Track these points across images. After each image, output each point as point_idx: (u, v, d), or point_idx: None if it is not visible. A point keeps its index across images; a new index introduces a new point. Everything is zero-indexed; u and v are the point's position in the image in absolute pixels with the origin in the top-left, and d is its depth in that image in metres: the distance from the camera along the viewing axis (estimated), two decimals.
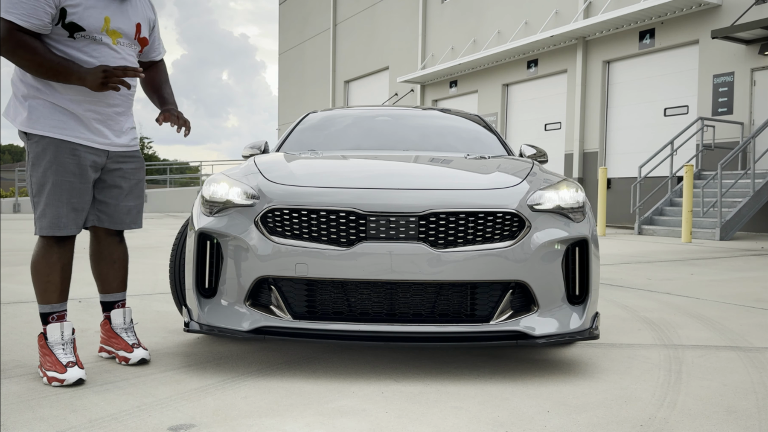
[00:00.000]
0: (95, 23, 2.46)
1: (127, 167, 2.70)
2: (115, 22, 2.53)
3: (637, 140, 14.12)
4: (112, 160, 2.63)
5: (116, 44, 2.55)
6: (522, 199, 2.60)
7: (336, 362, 2.71)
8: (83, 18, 2.43)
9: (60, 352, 2.45)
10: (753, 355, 2.96)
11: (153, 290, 4.64)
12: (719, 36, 11.51)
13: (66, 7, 2.40)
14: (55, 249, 2.52)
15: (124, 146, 2.67)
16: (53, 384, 2.38)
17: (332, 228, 2.50)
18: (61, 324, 2.50)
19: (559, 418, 2.10)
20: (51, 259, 2.51)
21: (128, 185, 2.71)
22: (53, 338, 2.48)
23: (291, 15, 28.90)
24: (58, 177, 2.46)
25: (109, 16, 2.50)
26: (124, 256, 2.82)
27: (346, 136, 4.10)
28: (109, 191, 2.66)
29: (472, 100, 18.48)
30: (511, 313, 2.55)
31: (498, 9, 17.48)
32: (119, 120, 2.64)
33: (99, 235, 2.75)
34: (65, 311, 2.58)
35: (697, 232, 10.36)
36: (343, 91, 24.88)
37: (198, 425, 2.01)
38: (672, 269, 6.33)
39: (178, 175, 29.71)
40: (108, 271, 2.77)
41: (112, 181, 2.66)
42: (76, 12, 2.41)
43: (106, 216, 2.68)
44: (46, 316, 2.53)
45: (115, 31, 2.54)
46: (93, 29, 2.46)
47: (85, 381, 2.43)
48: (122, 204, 2.70)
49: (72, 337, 2.52)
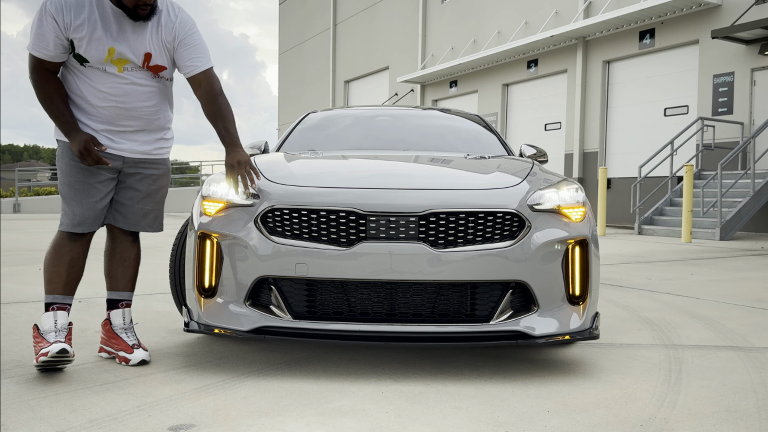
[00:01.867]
0: (98, 55, 2.55)
1: (147, 172, 2.78)
2: (120, 52, 2.58)
3: (637, 140, 14.12)
4: (129, 164, 2.72)
5: (123, 71, 2.61)
6: (522, 199, 2.60)
7: (336, 362, 2.71)
8: (87, 51, 2.54)
9: (51, 337, 2.53)
10: (753, 355, 2.96)
11: (153, 290, 4.64)
12: (719, 36, 11.50)
13: (73, 39, 2.52)
14: (66, 243, 2.65)
15: (143, 153, 2.74)
16: (40, 359, 2.44)
17: (332, 228, 2.50)
18: (56, 312, 2.59)
19: (559, 418, 2.10)
20: (60, 251, 2.64)
21: (146, 189, 2.78)
22: (46, 327, 2.56)
23: (291, 15, 28.90)
24: (72, 178, 2.64)
25: (113, 47, 2.56)
26: (136, 256, 2.89)
27: (346, 136, 4.10)
28: (126, 192, 2.76)
29: (472, 100, 18.48)
30: (511, 313, 2.55)
31: (498, 9, 17.48)
32: (137, 134, 2.71)
33: (114, 233, 2.83)
34: (67, 305, 2.65)
35: (697, 232, 10.36)
36: (343, 91, 24.88)
37: (198, 425, 2.01)
38: (672, 269, 6.33)
39: (178, 175, 29.70)
40: (118, 268, 2.83)
41: (130, 183, 2.75)
42: (81, 44, 2.53)
43: (121, 216, 2.77)
44: (48, 306, 2.62)
45: (121, 60, 2.59)
46: (96, 61, 2.56)
47: (69, 352, 2.46)
48: (137, 206, 2.78)
49: (67, 327, 2.59)
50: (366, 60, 23.32)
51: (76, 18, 2.49)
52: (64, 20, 2.48)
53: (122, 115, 2.65)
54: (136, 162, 2.73)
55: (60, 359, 2.46)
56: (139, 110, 2.67)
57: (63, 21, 2.48)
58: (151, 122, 2.73)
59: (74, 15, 2.49)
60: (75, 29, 2.50)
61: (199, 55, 2.70)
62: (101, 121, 2.64)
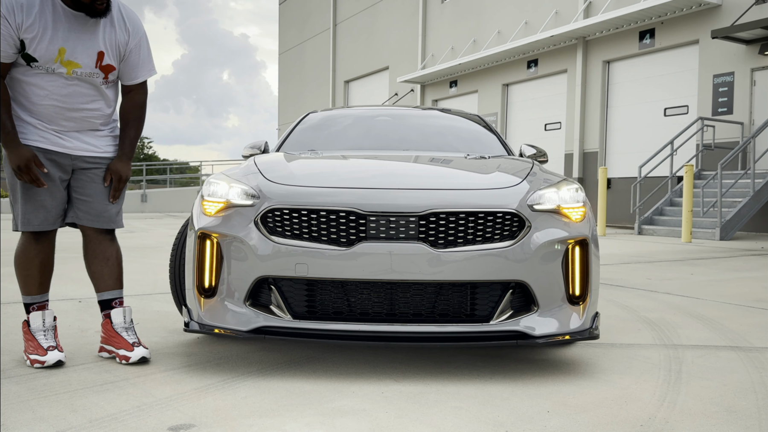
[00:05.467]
0: (48, 54, 2.54)
1: (101, 167, 2.78)
2: (71, 52, 2.57)
3: (637, 140, 14.12)
4: (79, 160, 2.72)
5: (71, 74, 2.61)
6: (522, 199, 2.60)
7: (336, 362, 2.71)
8: (37, 50, 2.52)
9: (41, 337, 2.67)
10: (753, 355, 2.96)
11: (153, 290, 4.64)
12: (719, 36, 11.50)
13: (24, 39, 2.50)
14: (33, 245, 2.72)
15: (92, 151, 2.75)
16: (35, 366, 2.59)
17: (332, 228, 2.50)
18: (43, 312, 2.72)
19: (559, 418, 2.10)
20: (29, 255, 2.73)
21: (101, 187, 2.77)
22: (35, 325, 2.69)
23: (291, 15, 28.90)
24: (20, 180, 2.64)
25: (65, 47, 2.56)
26: (117, 254, 2.88)
27: (346, 136, 4.10)
28: (84, 189, 2.76)
29: (472, 100, 18.47)
30: (511, 313, 2.55)
31: (498, 9, 17.48)
32: (83, 133, 2.72)
33: (88, 234, 2.83)
34: (46, 301, 2.81)
35: (697, 232, 10.36)
36: (343, 91, 24.88)
37: (198, 425, 2.01)
38: (672, 269, 6.33)
39: (178, 175, 29.71)
40: (102, 268, 2.83)
41: (84, 180, 2.75)
42: (31, 44, 2.51)
43: (84, 213, 2.77)
44: (28, 306, 2.77)
45: (71, 62, 2.59)
46: (45, 60, 2.55)
47: (65, 363, 2.64)
48: (98, 202, 2.77)
49: (53, 324, 2.72)
50: (366, 60, 23.32)
51: (28, 17, 2.48)
52: (16, 20, 2.47)
53: (62, 115, 2.64)
54: (88, 159, 2.73)
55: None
56: (80, 111, 2.67)
57: (15, 21, 2.47)
58: (91, 122, 2.73)
59: (25, 15, 2.48)
60: (26, 29, 2.49)
61: (144, 66, 2.78)
62: (44, 119, 2.63)
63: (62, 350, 2.67)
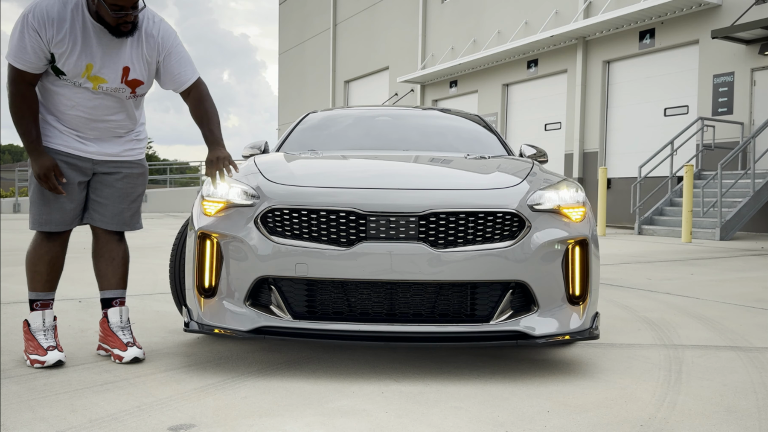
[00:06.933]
0: (76, 70, 2.57)
1: (126, 171, 2.80)
2: (98, 68, 2.59)
3: (637, 140, 14.12)
4: (100, 165, 2.75)
5: (97, 89, 2.63)
6: (522, 199, 2.60)
7: (336, 362, 2.71)
8: (66, 64, 2.55)
9: (41, 337, 2.67)
10: (753, 355, 2.96)
11: (153, 290, 4.64)
12: (719, 36, 11.50)
13: (54, 52, 2.52)
14: (44, 243, 2.73)
15: (113, 155, 2.77)
16: (35, 366, 2.60)
17: (332, 228, 2.50)
18: (43, 312, 2.72)
19: (559, 418, 2.10)
20: (40, 251, 2.74)
21: (122, 187, 2.80)
22: (35, 325, 2.70)
23: (291, 15, 28.90)
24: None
25: (92, 64, 2.58)
26: (124, 254, 2.90)
27: (346, 136, 4.10)
28: (101, 192, 2.78)
29: (472, 100, 18.47)
30: (511, 313, 2.55)
31: (498, 9, 17.48)
32: (105, 139, 2.75)
33: (98, 234, 2.86)
34: (50, 300, 2.78)
35: (697, 232, 10.36)
36: (343, 91, 24.87)
37: (198, 425, 2.01)
38: (672, 269, 6.33)
39: (178, 175, 29.70)
40: (107, 268, 2.85)
41: (102, 183, 2.78)
42: (60, 59, 2.54)
43: (98, 215, 2.79)
44: (32, 302, 2.75)
45: (98, 77, 2.61)
46: (73, 75, 2.58)
47: (65, 363, 2.64)
48: (113, 205, 2.79)
49: (53, 324, 2.73)
50: (366, 60, 23.32)
51: (59, 32, 2.49)
52: (47, 34, 2.48)
53: (87, 125, 2.69)
54: (108, 163, 2.76)
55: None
56: (104, 122, 2.71)
57: (46, 35, 2.48)
58: (115, 132, 2.76)
59: (56, 29, 2.49)
60: (57, 44, 2.50)
61: (186, 68, 2.75)
62: (70, 126, 2.68)
63: (62, 350, 2.68)
